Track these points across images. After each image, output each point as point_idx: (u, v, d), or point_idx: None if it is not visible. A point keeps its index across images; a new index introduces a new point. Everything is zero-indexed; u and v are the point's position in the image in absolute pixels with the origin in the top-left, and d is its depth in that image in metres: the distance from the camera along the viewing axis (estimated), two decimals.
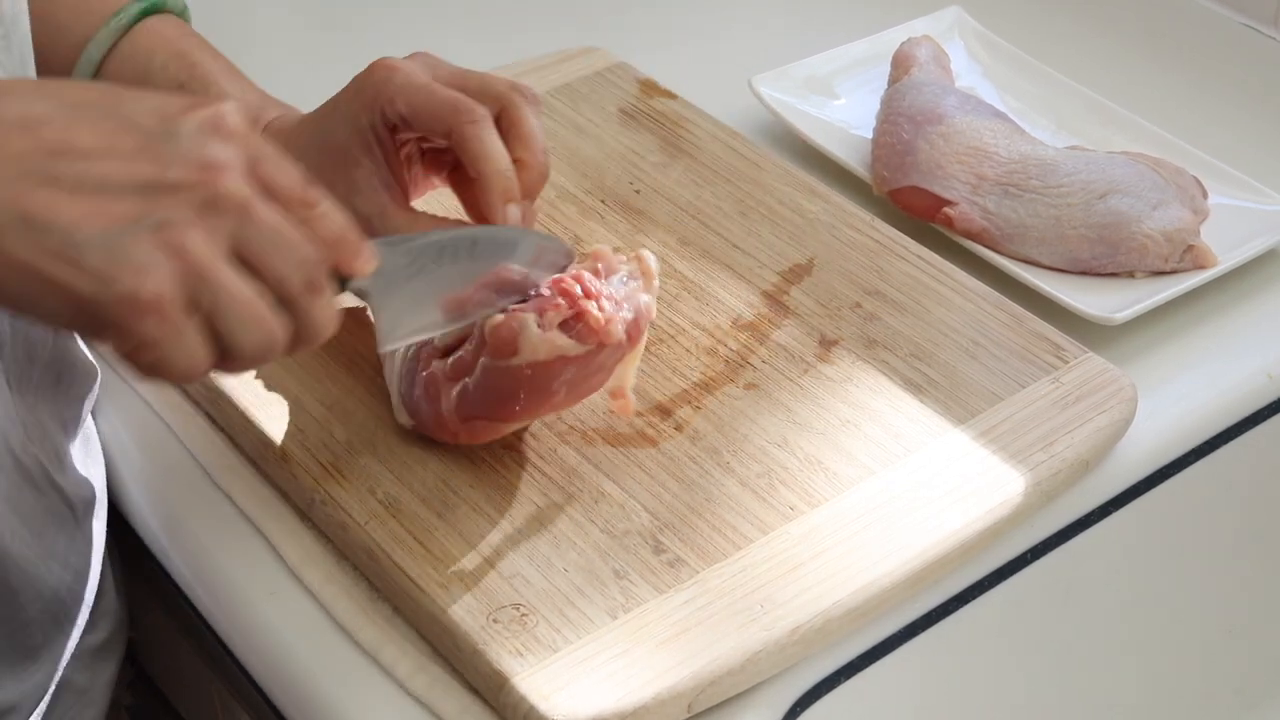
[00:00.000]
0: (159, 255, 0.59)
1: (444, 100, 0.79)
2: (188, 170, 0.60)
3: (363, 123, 0.81)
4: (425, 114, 0.80)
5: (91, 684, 0.90)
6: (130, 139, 0.60)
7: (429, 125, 0.80)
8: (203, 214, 0.60)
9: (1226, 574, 1.02)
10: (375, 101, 0.81)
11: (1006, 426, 0.85)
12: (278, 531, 0.84)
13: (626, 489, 0.82)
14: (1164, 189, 0.99)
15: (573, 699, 0.73)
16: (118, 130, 0.60)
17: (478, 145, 0.79)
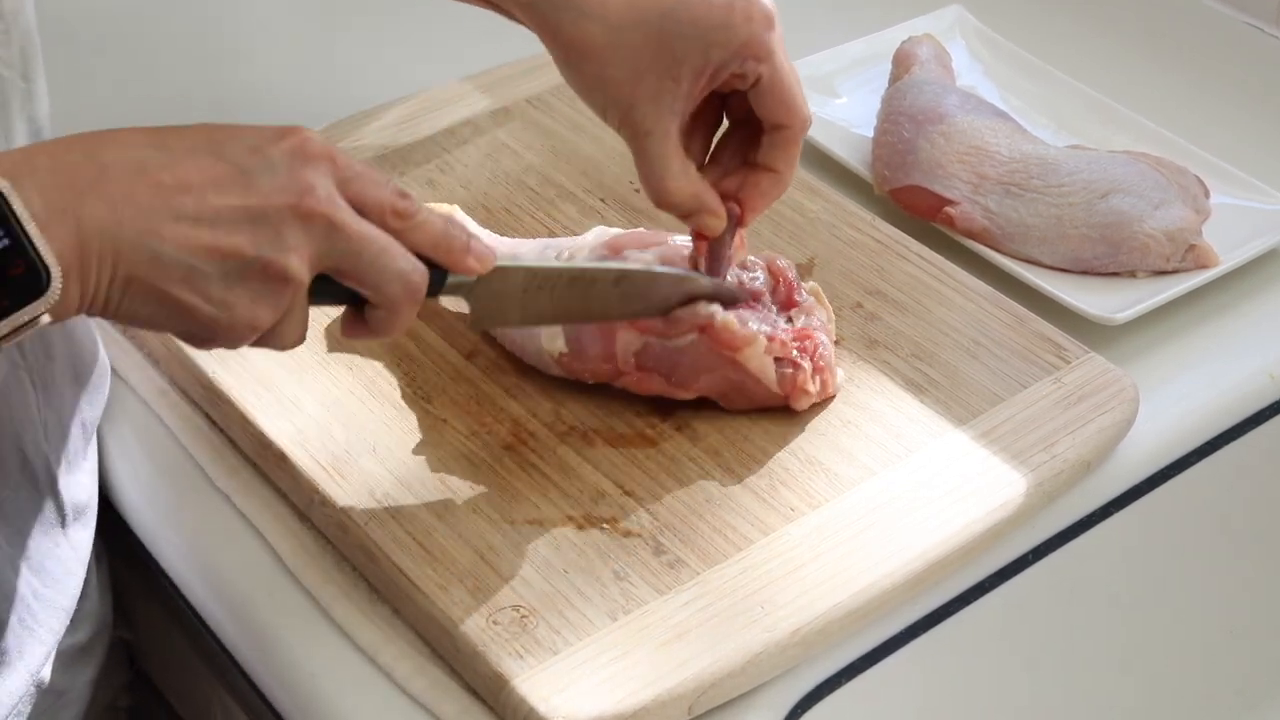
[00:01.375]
0: (268, 287, 0.68)
1: (799, 95, 0.82)
2: (283, 196, 0.67)
3: (713, 55, 0.80)
4: (780, 95, 0.81)
5: (70, 686, 0.90)
6: (233, 174, 0.67)
7: (773, 105, 0.81)
8: (301, 235, 0.68)
9: (1228, 574, 1.02)
10: (742, 49, 0.80)
11: (1008, 427, 0.85)
12: (277, 532, 0.84)
13: (626, 489, 0.82)
14: (1166, 188, 0.99)
15: (573, 701, 0.72)
16: (219, 166, 0.67)
17: (794, 151, 0.83)
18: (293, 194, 0.67)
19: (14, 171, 0.63)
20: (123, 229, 0.64)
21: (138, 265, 0.65)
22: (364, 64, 1.19)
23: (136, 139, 0.67)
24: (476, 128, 1.06)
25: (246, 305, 0.68)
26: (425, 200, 1.00)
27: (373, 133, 1.06)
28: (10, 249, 0.62)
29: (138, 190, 0.65)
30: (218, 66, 1.21)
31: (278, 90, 1.18)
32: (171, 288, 0.66)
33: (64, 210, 0.63)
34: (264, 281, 0.67)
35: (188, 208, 0.66)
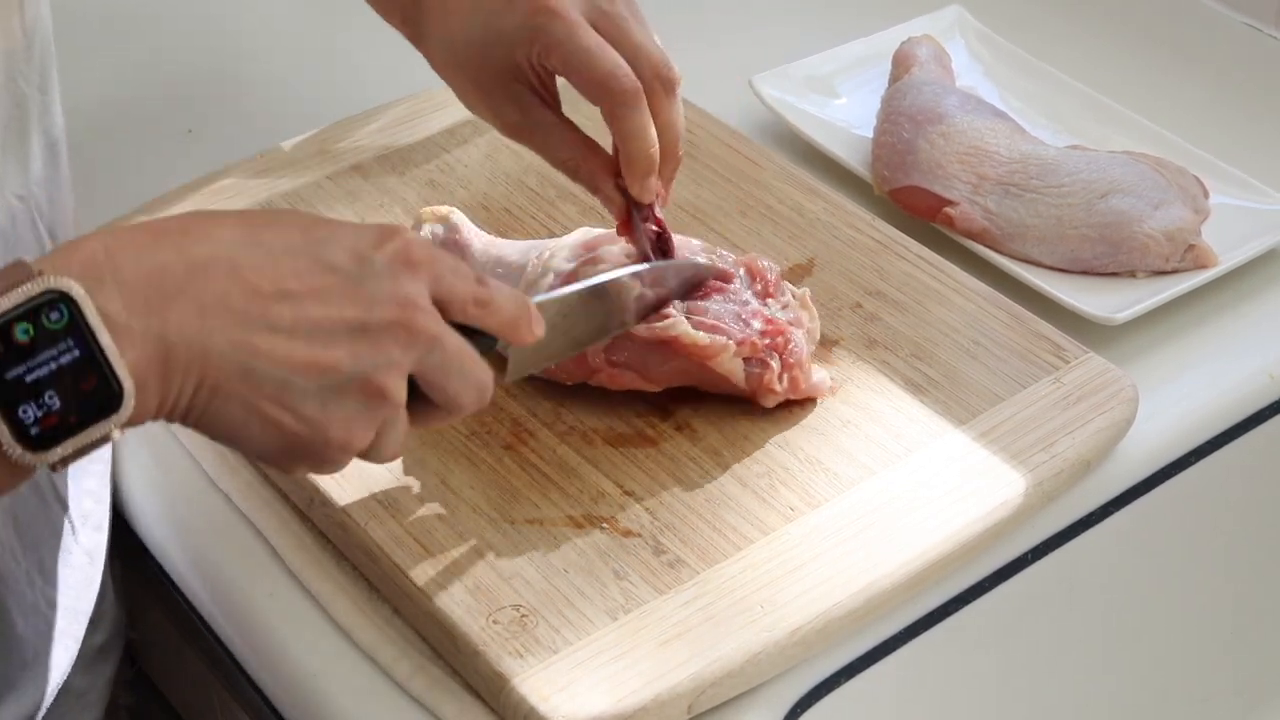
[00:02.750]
0: (366, 405, 0.64)
1: (603, 72, 0.80)
2: (387, 309, 0.64)
3: (518, 56, 0.82)
4: (581, 78, 0.81)
5: (90, 686, 0.90)
6: (332, 280, 0.63)
7: (582, 87, 0.82)
8: (403, 351, 0.64)
9: (1227, 574, 1.02)
10: (532, 44, 0.81)
11: (1007, 427, 0.85)
12: (277, 532, 0.84)
13: (626, 489, 0.82)
14: (1165, 189, 0.99)
15: (572, 700, 0.72)
16: (319, 271, 0.63)
17: (628, 125, 0.81)
18: (396, 308, 0.64)
19: (93, 270, 0.59)
20: (213, 339, 0.61)
21: (227, 378, 0.61)
22: (364, 64, 1.19)
23: (230, 233, 0.63)
24: (476, 128, 1.06)
25: (341, 423, 0.64)
26: (425, 201, 1.00)
27: (373, 133, 1.06)
28: (80, 361, 0.58)
29: (232, 295, 0.61)
30: (218, 67, 1.21)
31: (278, 91, 1.18)
32: (263, 403, 0.62)
33: (148, 314, 0.59)
34: (362, 399, 0.64)
35: (285, 318, 0.62)
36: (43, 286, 0.58)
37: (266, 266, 0.62)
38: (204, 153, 1.08)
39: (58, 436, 0.59)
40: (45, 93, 0.79)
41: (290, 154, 1.04)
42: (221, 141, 1.10)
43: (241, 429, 0.63)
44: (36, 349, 0.58)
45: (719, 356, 0.83)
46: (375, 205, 1.01)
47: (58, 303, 0.58)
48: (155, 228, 0.63)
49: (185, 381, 0.61)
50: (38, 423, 0.58)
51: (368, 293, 0.64)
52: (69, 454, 0.59)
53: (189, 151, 1.11)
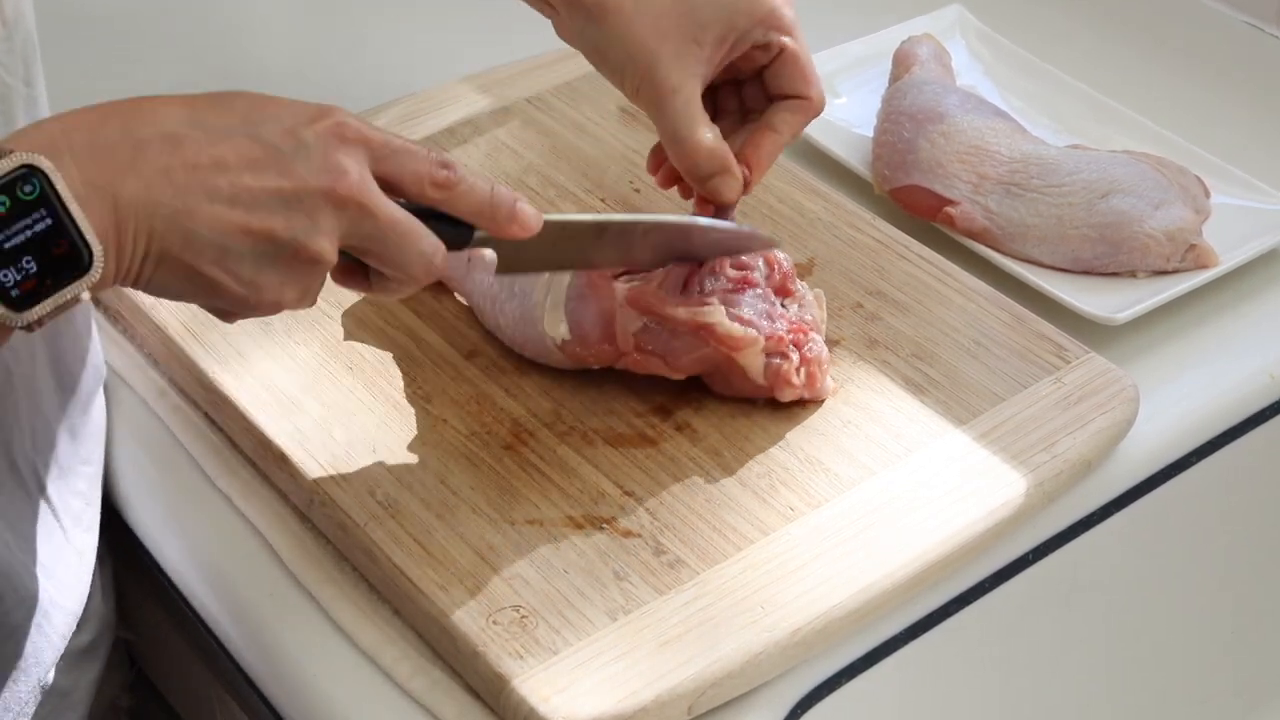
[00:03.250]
0: (298, 269, 0.69)
1: (813, 73, 0.85)
2: (319, 179, 0.68)
3: (739, 23, 0.83)
4: (800, 67, 0.84)
5: (75, 686, 0.90)
6: (266, 154, 0.68)
7: (793, 77, 0.84)
8: (332, 218, 0.69)
9: (1228, 574, 1.02)
10: (766, 19, 0.83)
11: (1008, 427, 0.85)
12: (277, 532, 0.84)
13: (626, 489, 0.82)
14: (1166, 188, 0.99)
15: (573, 701, 0.72)
16: (256, 147, 0.68)
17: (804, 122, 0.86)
18: (326, 178, 0.68)
19: (52, 147, 0.64)
20: (158, 208, 0.65)
21: (172, 243, 0.66)
22: (364, 64, 1.19)
23: (173, 113, 0.68)
24: (476, 128, 1.06)
25: (275, 285, 0.69)
26: None
27: None
28: (53, 229, 0.63)
29: (174, 169, 0.66)
30: (217, 67, 1.21)
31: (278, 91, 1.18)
32: (204, 266, 0.67)
33: (102, 187, 0.64)
34: (294, 263, 0.69)
35: (222, 189, 0.66)
36: (16, 162, 0.63)
37: (205, 143, 0.67)
38: None
39: (36, 297, 0.64)
40: (30, 85, 0.79)
41: None
42: None
43: (185, 290, 0.68)
44: (12, 219, 0.63)
45: (747, 350, 0.83)
46: None
47: (30, 176, 0.63)
48: (104, 109, 0.67)
49: (135, 248, 0.66)
50: (17, 285, 0.63)
51: (299, 165, 0.68)
52: (46, 313, 0.64)
53: None
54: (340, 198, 0.68)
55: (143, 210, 0.65)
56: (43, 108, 0.81)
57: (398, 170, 0.71)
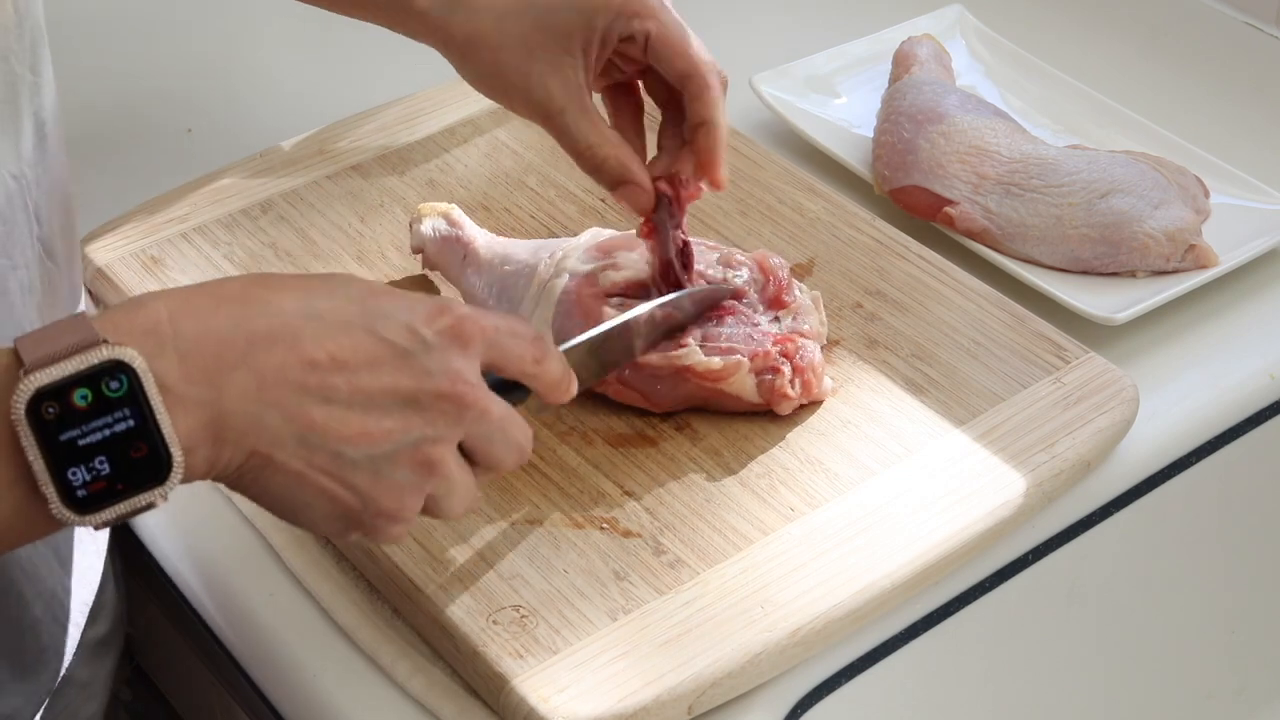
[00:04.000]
0: (415, 476, 0.65)
1: (696, 52, 0.82)
2: (438, 383, 0.65)
3: (597, 22, 0.82)
4: (675, 46, 0.82)
5: (93, 678, 0.90)
6: (386, 353, 0.64)
7: (671, 57, 0.82)
8: (451, 423, 0.66)
9: (1228, 574, 1.02)
10: (624, 9, 0.82)
11: (1008, 427, 0.85)
12: (277, 532, 0.84)
13: (626, 489, 0.82)
14: (1166, 188, 0.99)
15: (572, 701, 0.72)
16: (375, 345, 0.64)
17: (716, 95, 0.82)
18: (447, 382, 0.65)
19: (156, 335, 0.60)
20: (268, 409, 0.62)
21: (280, 448, 0.62)
22: (364, 64, 1.19)
23: (289, 304, 0.64)
24: (476, 128, 1.06)
25: (391, 493, 0.65)
26: (425, 200, 1.00)
27: (373, 133, 1.06)
28: (134, 430, 0.59)
29: (289, 367, 0.62)
30: (218, 67, 1.21)
31: (278, 90, 1.18)
32: (314, 473, 0.63)
33: (205, 384, 0.61)
34: (412, 468, 0.65)
35: (340, 389, 0.63)
36: (105, 356, 0.59)
37: (324, 339, 0.63)
38: (204, 153, 1.08)
39: (103, 501, 0.60)
40: (37, 74, 0.79)
41: (290, 154, 1.04)
42: (221, 141, 1.10)
43: (292, 498, 0.64)
44: (93, 415, 0.59)
45: (733, 377, 0.83)
46: (375, 205, 1.01)
47: (118, 371, 0.59)
48: (216, 293, 0.63)
49: (237, 450, 0.62)
50: (85, 486, 0.59)
51: (420, 366, 0.65)
52: (112, 519, 0.60)
53: (189, 151, 1.11)
54: (461, 403, 0.66)
55: (251, 411, 0.61)
56: (48, 97, 0.81)
57: (504, 358, 0.69)
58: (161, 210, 1.00)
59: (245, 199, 1.01)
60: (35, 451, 0.59)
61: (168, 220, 0.99)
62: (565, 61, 0.82)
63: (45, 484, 0.59)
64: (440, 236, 0.92)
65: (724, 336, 0.84)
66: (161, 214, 1.00)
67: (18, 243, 0.75)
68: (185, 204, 1.00)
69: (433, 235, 0.93)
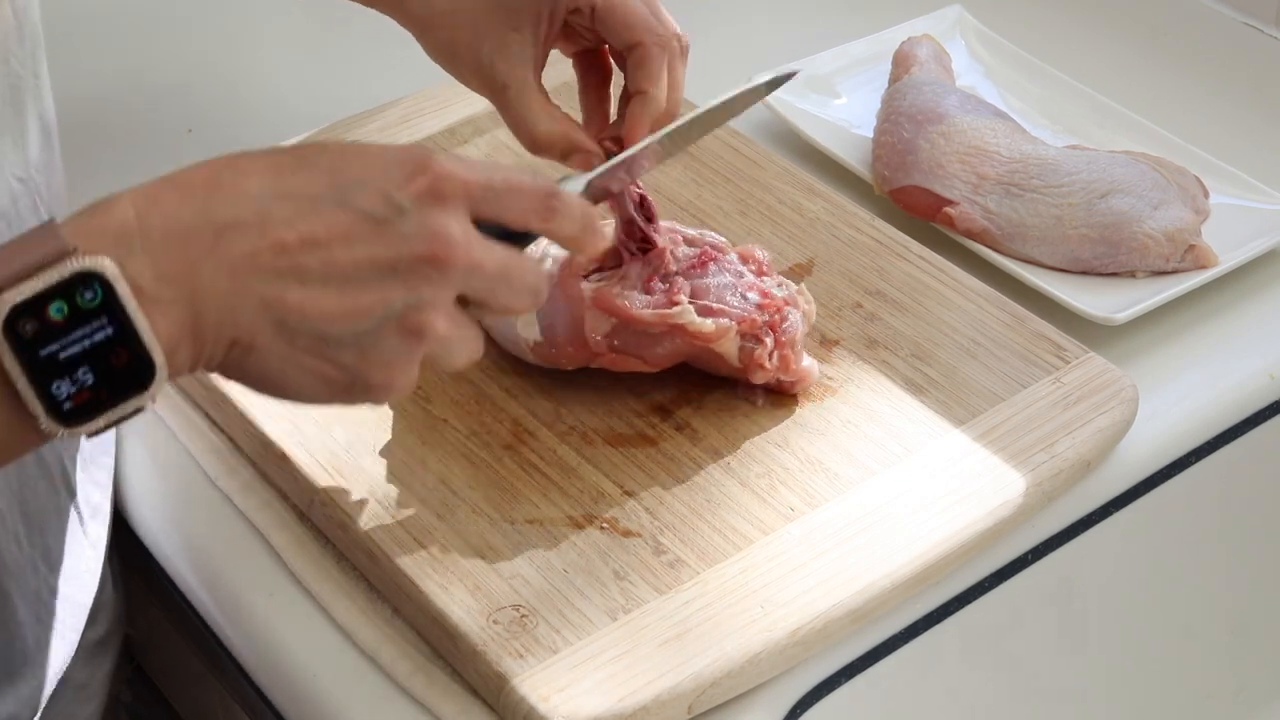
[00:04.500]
0: (404, 345, 0.63)
1: (642, 16, 0.81)
2: (419, 246, 0.63)
3: (534, 7, 0.82)
4: (619, 16, 0.81)
5: (91, 679, 0.90)
6: (360, 224, 0.62)
7: (616, 27, 0.82)
8: (436, 286, 0.63)
9: (1228, 574, 1.02)
10: None
11: (1007, 427, 0.85)
12: (277, 531, 0.84)
13: (626, 489, 0.82)
14: (1165, 188, 0.99)
15: (572, 700, 0.72)
16: (347, 218, 0.62)
17: (655, 67, 0.81)
18: (425, 245, 0.63)
19: (124, 235, 0.59)
20: (243, 298, 0.60)
21: (260, 334, 0.61)
22: (364, 64, 1.19)
23: (256, 184, 0.62)
24: (476, 128, 1.06)
25: (380, 366, 0.64)
26: None
27: (373, 133, 1.06)
28: (114, 338, 0.59)
29: (259, 252, 0.61)
30: (218, 67, 1.21)
31: (278, 91, 1.18)
32: (299, 354, 0.62)
33: (178, 280, 0.59)
34: (399, 338, 0.63)
35: (313, 269, 0.61)
36: (77, 268, 0.58)
37: (294, 218, 0.61)
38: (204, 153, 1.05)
39: (90, 411, 0.59)
40: (38, 76, 0.79)
41: None
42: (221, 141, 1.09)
43: (280, 379, 0.63)
44: (70, 327, 0.58)
45: (722, 339, 0.83)
46: None
47: (91, 281, 0.58)
48: (183, 183, 0.62)
49: (218, 341, 0.61)
50: (70, 398, 0.59)
51: (396, 232, 0.63)
52: (101, 427, 0.60)
53: (189, 151, 1.10)
54: (443, 262, 0.63)
55: (225, 302, 0.60)
56: (48, 98, 0.81)
57: (502, 212, 0.66)
58: None
59: None
60: (18, 369, 0.58)
61: None
62: (513, 39, 0.82)
63: (30, 400, 0.58)
64: None
65: (712, 291, 0.84)
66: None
67: None
68: None
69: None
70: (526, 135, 0.83)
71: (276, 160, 0.63)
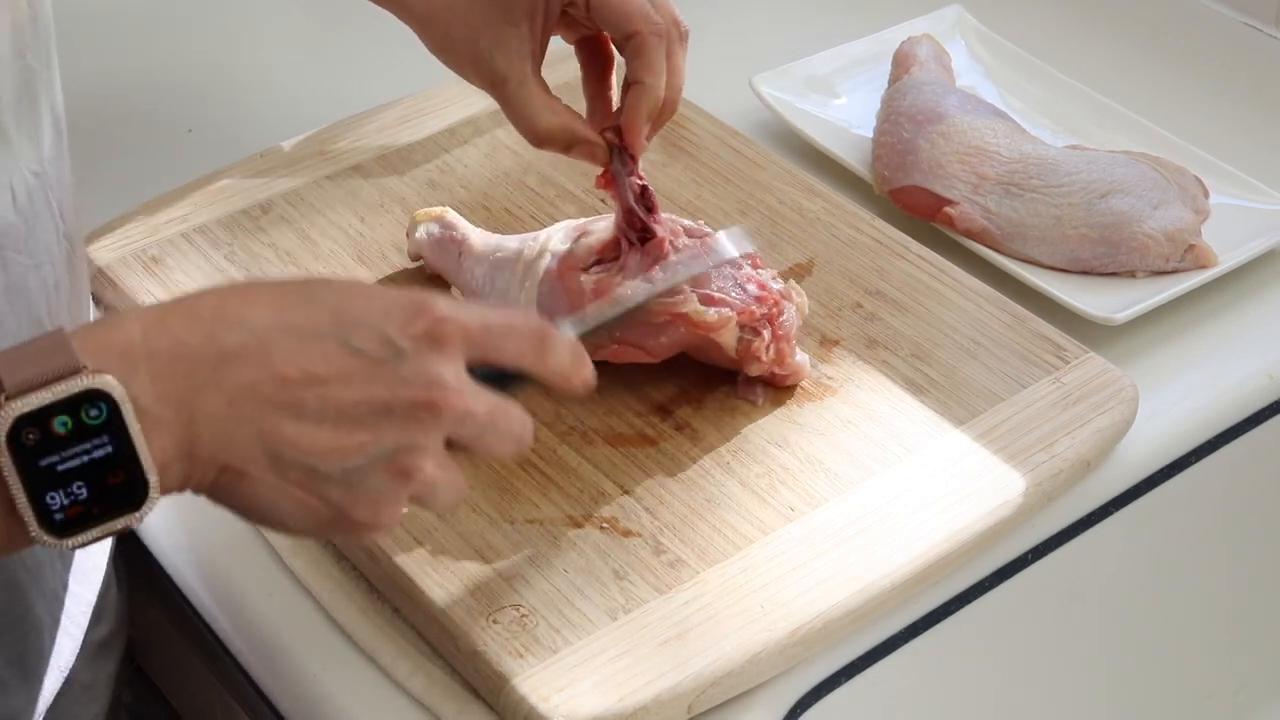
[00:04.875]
0: (392, 485, 0.64)
1: (637, 6, 0.82)
2: (416, 391, 0.63)
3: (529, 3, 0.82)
4: (615, 6, 0.82)
5: (95, 679, 0.90)
6: (358, 364, 0.63)
7: (612, 18, 0.82)
8: (428, 430, 0.64)
9: (1228, 574, 1.02)
10: None
11: (1007, 426, 0.85)
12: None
13: (626, 489, 0.82)
14: (1165, 188, 0.99)
15: (572, 700, 0.72)
16: (346, 357, 0.63)
17: (653, 57, 0.82)
18: (423, 391, 0.63)
19: (129, 356, 0.60)
20: (240, 427, 0.61)
21: (252, 463, 0.62)
22: (364, 64, 1.19)
23: (262, 316, 0.63)
24: (476, 128, 1.06)
25: (367, 504, 0.64)
26: (425, 201, 1.00)
27: (373, 133, 1.06)
28: (112, 457, 0.60)
29: (260, 383, 0.62)
30: (218, 67, 1.21)
31: (278, 91, 1.18)
32: (288, 487, 0.63)
33: (178, 404, 0.60)
34: (388, 478, 0.64)
35: (310, 404, 0.62)
36: (86, 385, 0.59)
37: (295, 354, 0.62)
38: (204, 153, 1.08)
39: (80, 524, 0.60)
40: (50, 68, 0.79)
41: (290, 154, 1.04)
42: (221, 141, 1.10)
43: (268, 509, 0.64)
44: (72, 442, 0.59)
45: (722, 330, 0.84)
46: (375, 205, 1.01)
47: (97, 399, 0.59)
48: (190, 310, 0.63)
49: (210, 465, 0.62)
50: (63, 510, 0.60)
51: (394, 375, 0.63)
52: (89, 540, 0.61)
53: (189, 151, 1.11)
54: (437, 409, 0.64)
55: (222, 429, 0.61)
56: (58, 93, 0.81)
57: (498, 352, 0.67)
58: (162, 210, 1.00)
59: (245, 199, 1.01)
60: (15, 477, 0.59)
61: (168, 220, 1.00)
62: (510, 33, 0.82)
63: (24, 508, 0.59)
64: (435, 239, 0.93)
65: (711, 281, 0.85)
66: (162, 214, 1.00)
67: (41, 240, 0.75)
68: (185, 204, 1.00)
69: (427, 239, 0.93)
70: (528, 129, 0.84)
71: (282, 292, 0.64)
